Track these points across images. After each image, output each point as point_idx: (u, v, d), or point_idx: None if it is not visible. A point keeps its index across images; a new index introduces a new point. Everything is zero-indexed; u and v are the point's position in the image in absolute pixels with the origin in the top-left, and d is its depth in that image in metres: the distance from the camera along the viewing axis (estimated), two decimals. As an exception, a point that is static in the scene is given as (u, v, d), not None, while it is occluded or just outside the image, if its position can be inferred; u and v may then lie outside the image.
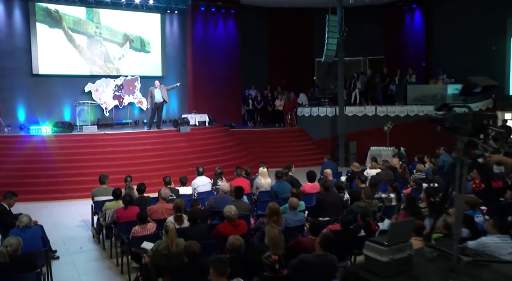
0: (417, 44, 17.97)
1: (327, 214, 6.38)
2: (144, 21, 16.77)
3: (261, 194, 8.04)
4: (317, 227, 4.70)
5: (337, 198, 6.64)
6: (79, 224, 8.53)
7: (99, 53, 15.93)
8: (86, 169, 11.42)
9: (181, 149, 12.89)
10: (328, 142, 16.50)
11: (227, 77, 17.96)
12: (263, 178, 8.27)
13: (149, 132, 13.20)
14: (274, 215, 5.45)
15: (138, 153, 12.20)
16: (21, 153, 11.64)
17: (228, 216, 5.34)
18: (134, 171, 11.36)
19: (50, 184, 10.99)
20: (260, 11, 19.19)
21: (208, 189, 8.36)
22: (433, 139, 14.56)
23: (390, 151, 14.90)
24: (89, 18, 15.68)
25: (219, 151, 13.76)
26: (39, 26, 14.80)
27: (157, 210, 6.28)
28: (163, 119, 15.37)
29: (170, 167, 12.09)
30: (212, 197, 6.89)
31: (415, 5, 17.85)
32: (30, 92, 14.96)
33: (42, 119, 14.90)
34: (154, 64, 17.06)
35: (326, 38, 14.57)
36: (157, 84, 13.29)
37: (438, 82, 16.23)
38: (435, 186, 8.04)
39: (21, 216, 5.41)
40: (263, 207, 6.95)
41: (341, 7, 14.82)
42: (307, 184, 7.78)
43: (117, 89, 16.18)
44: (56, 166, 11.39)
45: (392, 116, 15.50)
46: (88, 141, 12.25)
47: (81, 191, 10.85)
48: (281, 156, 15.61)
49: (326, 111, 16.62)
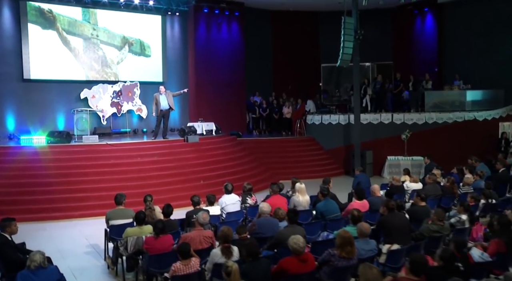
0: (429, 49, 17.27)
1: (393, 239, 5.40)
2: (144, 23, 15.66)
3: (301, 214, 7.01)
4: (421, 264, 3.71)
5: (404, 221, 5.66)
6: (87, 250, 7.37)
7: (96, 57, 14.75)
8: (87, 184, 10.24)
9: (190, 161, 11.80)
10: (341, 151, 15.59)
11: (231, 83, 16.96)
12: (301, 195, 7.25)
13: (155, 142, 12.07)
14: (347, 245, 4.46)
15: (145, 165, 11.06)
16: (12, 167, 10.39)
17: (295, 249, 4.32)
18: (141, 186, 10.34)
19: (47, 201, 9.76)
20: (264, 14, 18.30)
21: (238, 209, 7.31)
22: (454, 148, 14.03)
23: (409, 161, 14.13)
24: (85, 19, 14.52)
25: (229, 162, 12.70)
26: (31, 27, 13.57)
27: (194, 239, 5.19)
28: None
29: (180, 181, 11.01)
30: (256, 221, 5.84)
31: (427, 8, 17.17)
32: (20, 99, 13.68)
33: (34, 128, 13.66)
34: (155, 69, 15.95)
35: (341, 41, 13.66)
36: (162, 90, 12.20)
37: (454, 88, 15.52)
38: (493, 202, 7.14)
39: (33, 254, 4.28)
40: (309, 231, 5.96)
41: (357, 9, 14.01)
42: (355, 202, 6.78)
43: (115, 96, 15.01)
44: (53, 181, 10.18)
45: (409, 124, 14.68)
46: (89, 152, 11.07)
47: (83, 209, 9.71)
48: (292, 167, 14.67)
49: (338, 118, 15.71)
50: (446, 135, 14.22)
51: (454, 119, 14.39)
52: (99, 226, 8.77)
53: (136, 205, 9.12)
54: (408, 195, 8.55)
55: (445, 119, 14.46)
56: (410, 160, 14.08)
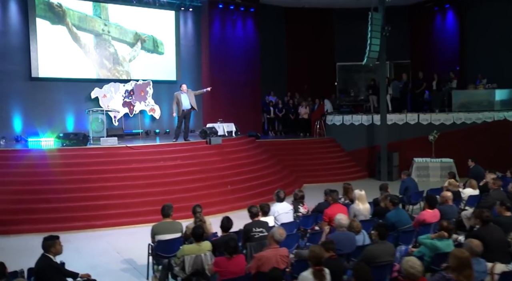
0: (450, 47, 16.72)
1: (493, 257, 4.72)
2: (157, 19, 14.86)
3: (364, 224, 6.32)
4: None
5: (501, 235, 4.99)
6: (123, 267, 6.57)
7: (107, 54, 13.92)
8: (109, 190, 9.44)
9: (214, 164, 11.03)
10: (364, 153, 14.93)
11: (246, 83, 16.23)
12: (361, 203, 6.56)
13: (176, 145, 11.29)
14: (466, 268, 3.78)
15: (168, 170, 10.27)
16: (23, 171, 9.54)
17: (411, 274, 3.62)
18: (167, 192, 9.62)
19: (65, 210, 8.93)
20: (278, 11, 17.61)
21: (291, 218, 6.59)
22: (485, 149, 13.44)
23: (438, 163, 13.54)
24: (96, 14, 13.69)
25: (253, 166, 11.97)
26: (40, 22, 12.72)
27: (270, 259, 4.45)
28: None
29: (206, 187, 10.25)
30: (332, 236, 5.11)
31: (448, 5, 16.62)
32: (28, 99, 12.82)
33: (42, 130, 12.85)
34: (168, 67, 15.15)
35: (368, 38, 13.03)
36: (184, 89, 11.43)
37: (479, 87, 14.96)
38: None
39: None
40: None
41: (384, 4, 13.40)
42: (426, 212, 6.10)
43: (127, 95, 14.20)
44: (71, 187, 9.34)
45: (436, 124, 14.07)
46: (108, 156, 10.24)
47: (106, 218, 8.91)
48: (315, 170, 14.04)
49: (361, 119, 15.04)
50: (475, 136, 13.62)
51: (483, 119, 13.82)
52: (128, 237, 8.09)
53: (159, 213, 8.39)
54: (464, 202, 7.88)
55: (474, 119, 13.88)
56: (439, 162, 13.48)
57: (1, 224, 8.47)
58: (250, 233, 5.49)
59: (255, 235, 5.49)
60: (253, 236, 5.48)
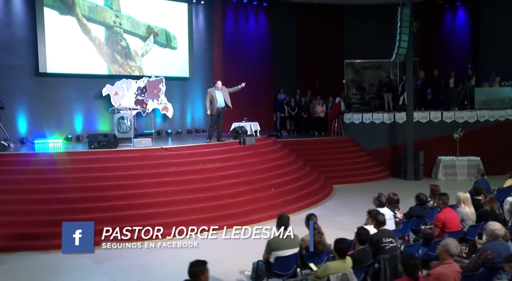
0: (462, 44, 16.69)
1: None
2: (170, 11, 13.90)
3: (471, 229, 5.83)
4: None
5: None
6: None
7: (119, 49, 12.85)
8: (151, 197, 8.48)
9: (253, 166, 10.28)
10: (385, 152, 14.56)
11: (259, 80, 15.54)
12: (466, 206, 6.06)
13: (211, 146, 10.45)
14: None
15: (209, 173, 9.43)
16: (43, 178, 8.47)
17: None
18: (214, 198, 8.84)
19: (104, 220, 7.88)
20: (289, 6, 16.99)
21: (393, 226, 5.99)
22: (509, 148, 13.44)
23: (465, 161, 13.39)
24: (107, 5, 12.59)
25: (287, 167, 11.29)
26: (47, 12, 11.52)
27: (449, 277, 3.84)
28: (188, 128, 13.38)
29: (252, 191, 9.50)
30: (488, 247, 4.53)
31: (459, 2, 16.57)
32: (34, 96, 11.64)
33: (50, 131, 11.66)
34: (180, 63, 14.22)
35: (397, 34, 12.69)
36: (219, 86, 10.63)
37: (494, 85, 14.96)
38: None
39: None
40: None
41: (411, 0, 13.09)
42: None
43: (140, 93, 13.19)
44: (108, 195, 8.35)
45: (460, 122, 13.91)
46: (143, 159, 9.25)
47: (153, 229, 7.92)
48: (339, 171, 13.56)
49: (382, 117, 14.67)
50: (498, 134, 13.59)
51: (506, 117, 13.81)
52: (190, 251, 7.19)
53: (211, 221, 7.62)
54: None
55: (497, 117, 13.84)
56: (466, 161, 13.34)
57: (36, 237, 7.42)
58: (380, 244, 4.85)
59: (385, 246, 4.86)
60: (384, 248, 4.85)
